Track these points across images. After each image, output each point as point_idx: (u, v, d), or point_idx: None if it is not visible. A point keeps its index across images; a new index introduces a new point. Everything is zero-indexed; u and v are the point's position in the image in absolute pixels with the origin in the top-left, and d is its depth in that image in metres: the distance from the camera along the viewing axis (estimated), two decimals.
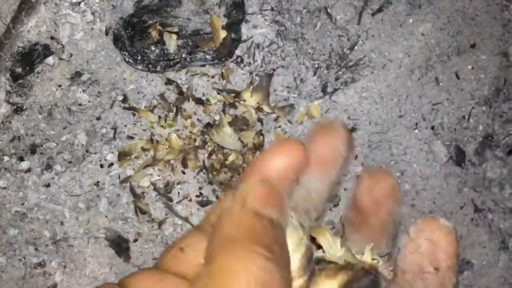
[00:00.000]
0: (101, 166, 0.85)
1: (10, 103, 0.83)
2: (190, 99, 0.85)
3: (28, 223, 0.84)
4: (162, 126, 0.85)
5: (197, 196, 0.85)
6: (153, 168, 0.85)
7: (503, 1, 0.90)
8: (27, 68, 0.82)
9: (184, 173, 0.85)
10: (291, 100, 0.87)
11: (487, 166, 0.91)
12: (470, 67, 0.91)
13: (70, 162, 0.85)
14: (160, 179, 0.85)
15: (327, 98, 0.87)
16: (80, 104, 0.85)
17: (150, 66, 0.84)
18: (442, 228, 0.25)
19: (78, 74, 0.85)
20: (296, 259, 0.26)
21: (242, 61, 0.86)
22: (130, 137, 0.85)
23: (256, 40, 0.86)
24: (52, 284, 0.84)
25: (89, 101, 0.85)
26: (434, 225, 0.25)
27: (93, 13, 0.84)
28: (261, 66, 0.86)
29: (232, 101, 0.85)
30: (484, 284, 0.90)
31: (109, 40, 0.84)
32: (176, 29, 0.83)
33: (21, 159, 0.84)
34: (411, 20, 0.90)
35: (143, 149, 0.85)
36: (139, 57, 0.84)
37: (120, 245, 0.85)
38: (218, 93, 0.85)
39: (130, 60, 0.83)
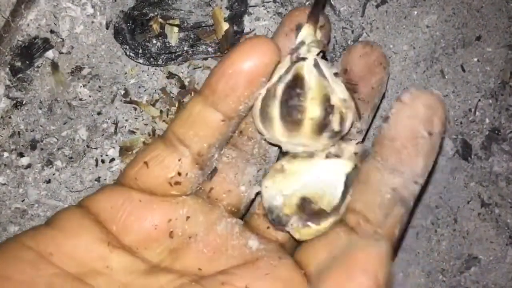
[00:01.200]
0: (103, 161, 0.84)
1: (9, 97, 0.82)
2: (192, 92, 0.84)
3: (28, 220, 0.83)
4: (164, 120, 0.84)
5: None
6: None
7: None
8: (27, 62, 0.81)
9: None
10: None
11: (494, 160, 0.89)
12: (475, 59, 0.90)
13: (71, 157, 0.84)
14: None
15: None
16: (80, 99, 0.83)
17: (152, 59, 0.83)
18: (437, 96, 0.25)
19: (79, 68, 0.84)
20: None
21: None
22: (132, 132, 0.84)
23: (259, 32, 0.85)
24: None
25: (89, 96, 0.84)
26: (428, 92, 0.25)
27: (93, 6, 0.83)
28: None
29: None
30: (491, 280, 0.89)
31: (110, 34, 0.83)
32: (177, 22, 0.82)
33: (21, 155, 0.83)
34: (415, 12, 0.89)
35: (145, 144, 0.84)
36: (140, 51, 0.83)
37: None
38: None
39: (131, 54, 0.82)
